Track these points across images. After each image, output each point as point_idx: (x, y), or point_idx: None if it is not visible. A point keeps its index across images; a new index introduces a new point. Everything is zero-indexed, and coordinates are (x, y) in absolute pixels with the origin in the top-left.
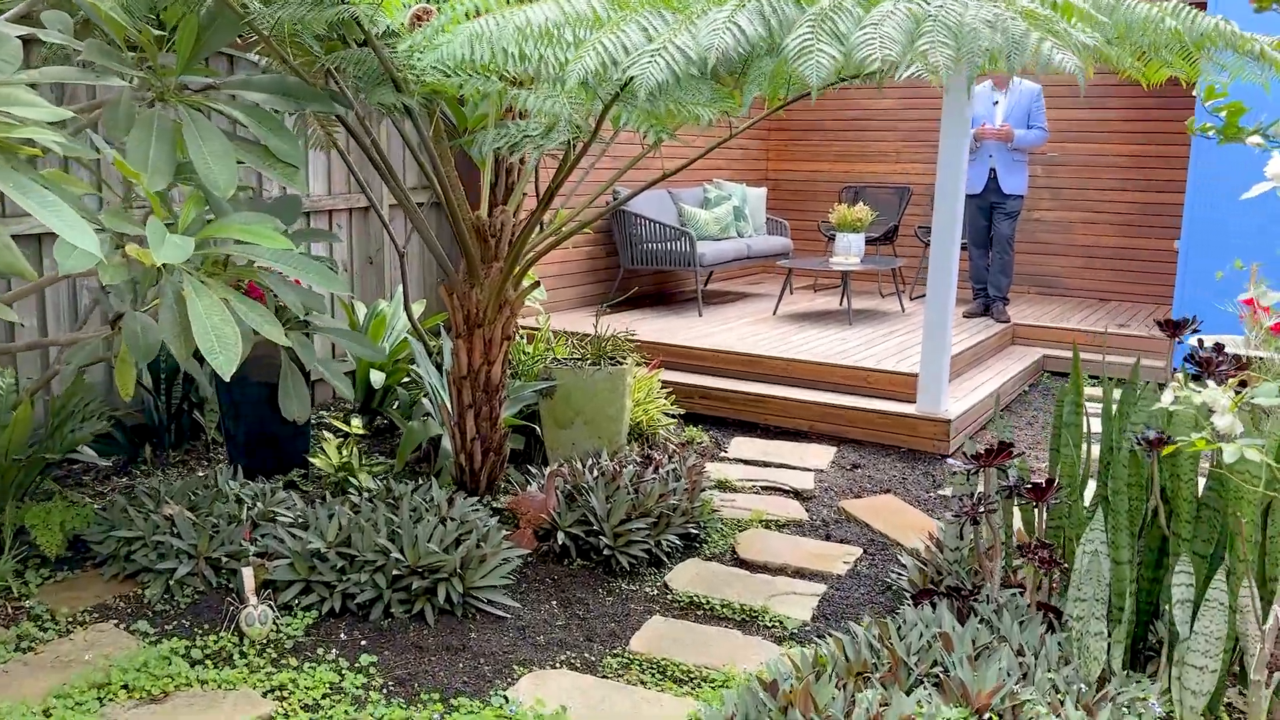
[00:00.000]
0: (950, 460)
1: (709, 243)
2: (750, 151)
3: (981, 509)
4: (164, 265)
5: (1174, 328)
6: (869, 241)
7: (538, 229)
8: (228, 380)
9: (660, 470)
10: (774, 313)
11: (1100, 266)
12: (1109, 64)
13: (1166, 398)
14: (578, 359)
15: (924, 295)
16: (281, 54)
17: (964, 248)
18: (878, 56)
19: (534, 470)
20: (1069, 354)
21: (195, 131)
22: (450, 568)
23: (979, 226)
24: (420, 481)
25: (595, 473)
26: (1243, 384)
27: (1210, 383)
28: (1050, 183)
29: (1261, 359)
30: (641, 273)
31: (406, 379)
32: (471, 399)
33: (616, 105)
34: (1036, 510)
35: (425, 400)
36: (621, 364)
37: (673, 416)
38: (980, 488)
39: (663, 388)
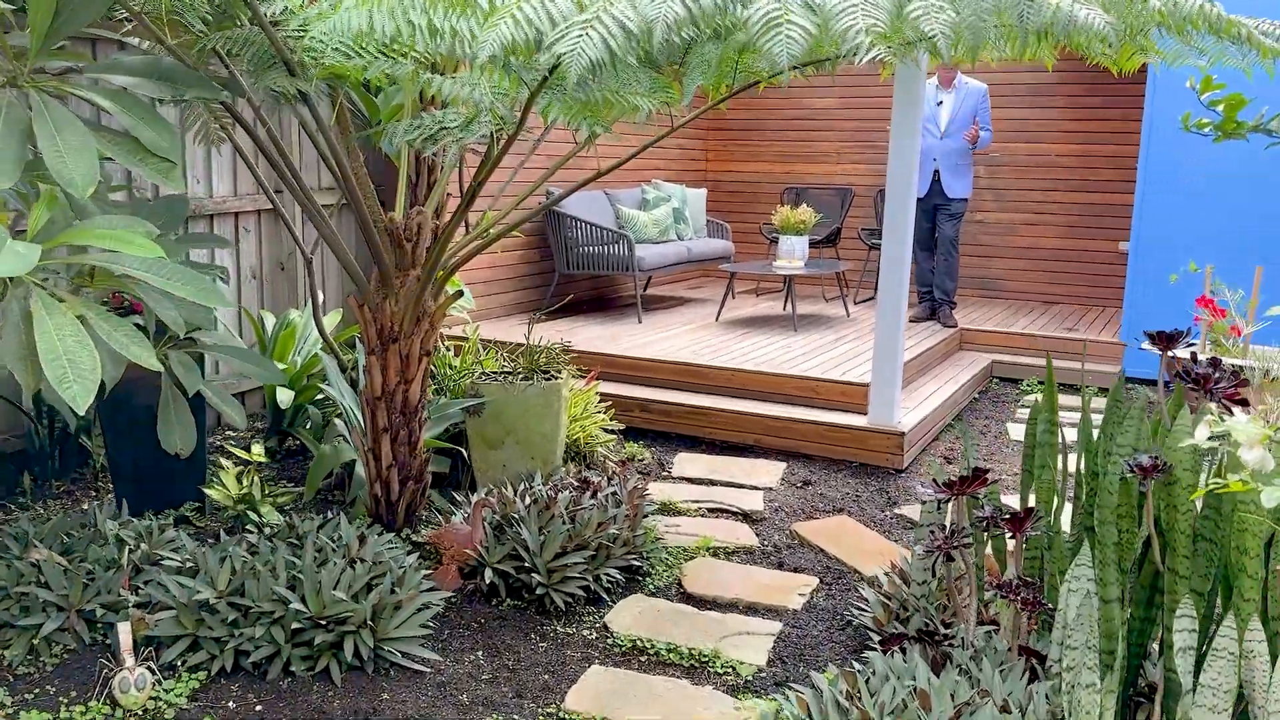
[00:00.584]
0: (920, 488)
1: (648, 246)
2: (689, 151)
3: (955, 544)
4: (10, 279)
5: (1166, 340)
6: (811, 244)
7: (461, 232)
8: (81, 412)
9: (599, 495)
10: (717, 319)
11: (1043, 269)
12: (1079, 50)
13: (1201, 433)
14: (509, 373)
15: (869, 299)
16: (156, 34)
17: None
18: (861, 27)
19: (460, 498)
20: (1018, 359)
21: (48, 120)
22: (360, 618)
23: (923, 229)
24: (330, 515)
25: (527, 500)
26: (1242, 402)
27: (1239, 413)
28: (992, 184)
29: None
30: (578, 278)
31: (321, 396)
32: (387, 422)
33: (544, 94)
34: (1014, 541)
35: (339, 421)
36: (556, 378)
37: (612, 432)
38: (951, 518)
39: (601, 401)
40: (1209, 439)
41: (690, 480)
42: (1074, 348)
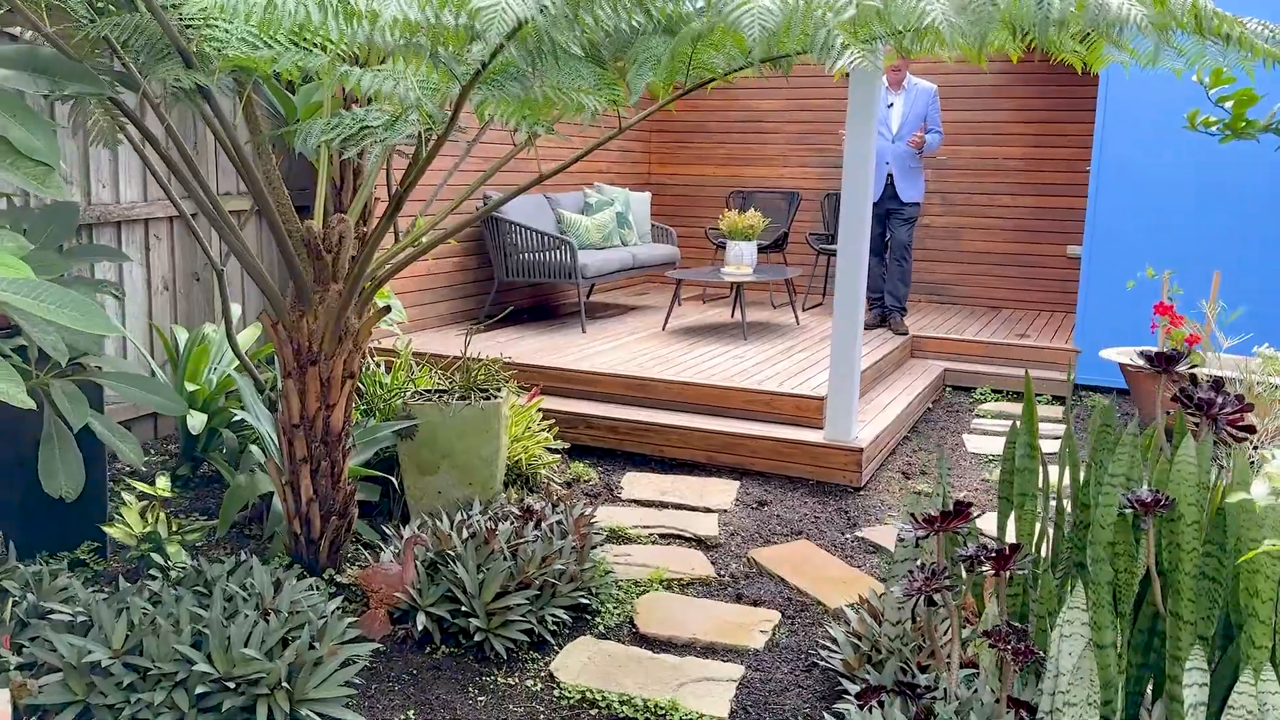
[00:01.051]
0: (901, 527)
1: (592, 252)
2: (631, 154)
3: (937, 585)
4: None
5: (1166, 361)
6: (759, 249)
7: (390, 241)
8: None
9: (543, 525)
10: (664, 327)
11: (991, 273)
12: (1051, 48)
13: (1259, 490)
14: (444, 391)
15: (818, 305)
16: (32, 19)
17: None
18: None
19: (390, 530)
20: (970, 367)
21: None
22: (274, 678)
23: (875, 234)
24: (245, 555)
25: (464, 534)
26: (1248, 428)
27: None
28: (940, 187)
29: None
30: (518, 286)
31: (238, 418)
32: (307, 452)
33: (479, 89)
34: (995, 579)
35: (256, 448)
36: (496, 397)
37: (556, 452)
38: (931, 556)
39: (544, 418)
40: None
41: (640, 503)
42: (1027, 354)
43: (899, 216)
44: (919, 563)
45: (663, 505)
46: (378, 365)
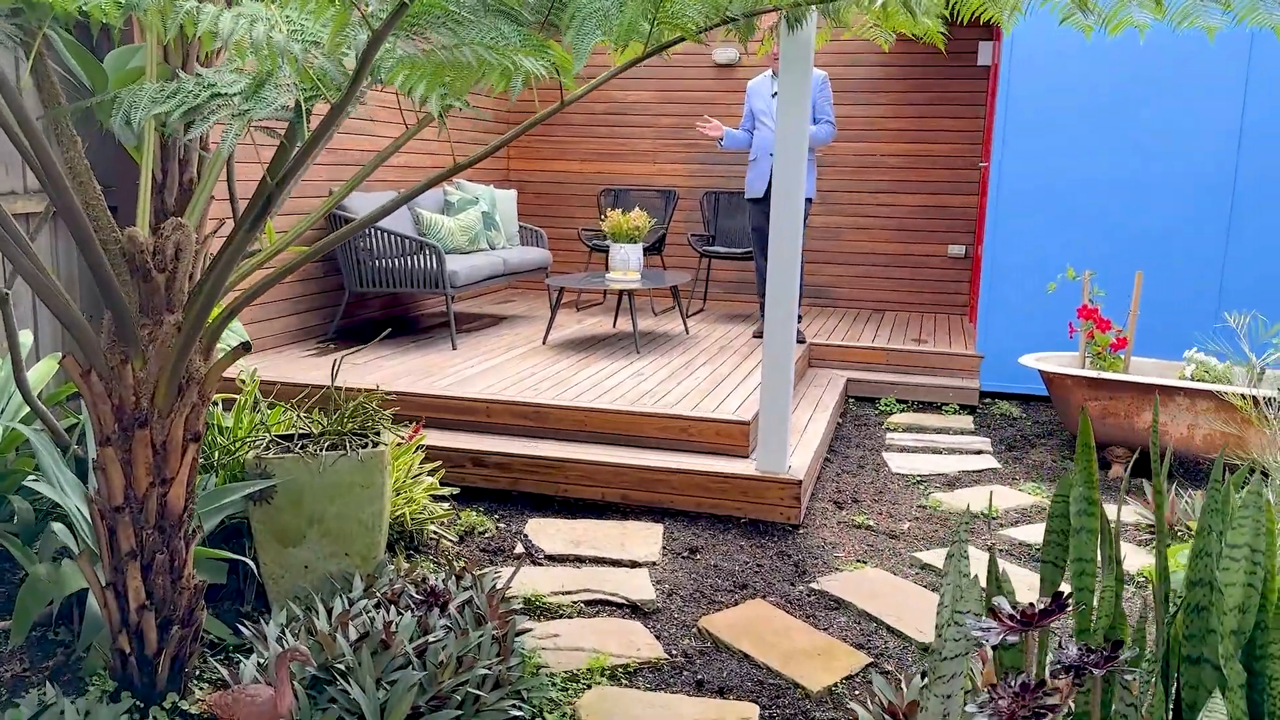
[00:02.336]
0: (980, 623)
1: (459, 257)
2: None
3: (1037, 706)
4: None
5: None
6: None
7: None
8: None
9: (450, 607)
10: (544, 341)
11: (873, 275)
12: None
13: None
14: (309, 438)
15: (700, 311)
16: None
17: (746, 256)
18: None
19: (249, 630)
20: (873, 376)
21: None
22: None
23: (763, 234)
24: (39, 681)
25: (353, 633)
26: None
27: None
28: (819, 186)
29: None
30: (373, 296)
31: (34, 477)
32: (136, 543)
33: (392, 40)
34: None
35: (61, 525)
36: (378, 442)
37: (443, 499)
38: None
39: (424, 458)
40: None
41: (553, 558)
42: (929, 362)
43: None
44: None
45: (580, 561)
46: (214, 404)
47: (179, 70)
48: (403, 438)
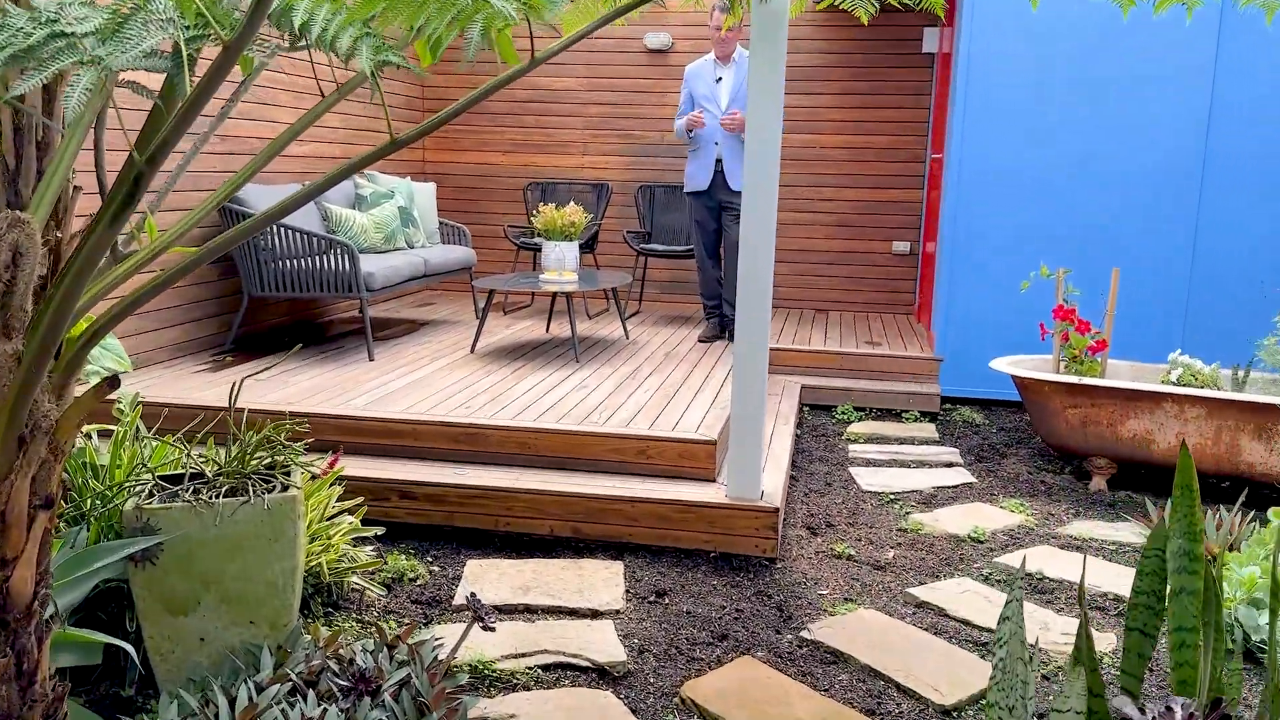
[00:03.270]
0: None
1: (374, 257)
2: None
3: None
4: None
5: None
6: None
7: (108, 256)
8: None
9: (382, 693)
10: (473, 349)
11: (815, 273)
12: None
13: None
14: (202, 480)
15: (636, 313)
16: None
17: (686, 254)
18: None
19: None
20: (827, 382)
21: None
22: None
23: (708, 231)
24: None
25: None
26: None
27: None
28: None
29: None
30: (276, 301)
31: None
32: None
33: None
34: None
35: None
36: (289, 484)
37: (366, 541)
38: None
39: (344, 493)
40: None
41: (500, 609)
42: (884, 366)
43: (732, 211)
44: None
45: (530, 611)
46: (86, 437)
47: (7, 4)
48: (317, 472)
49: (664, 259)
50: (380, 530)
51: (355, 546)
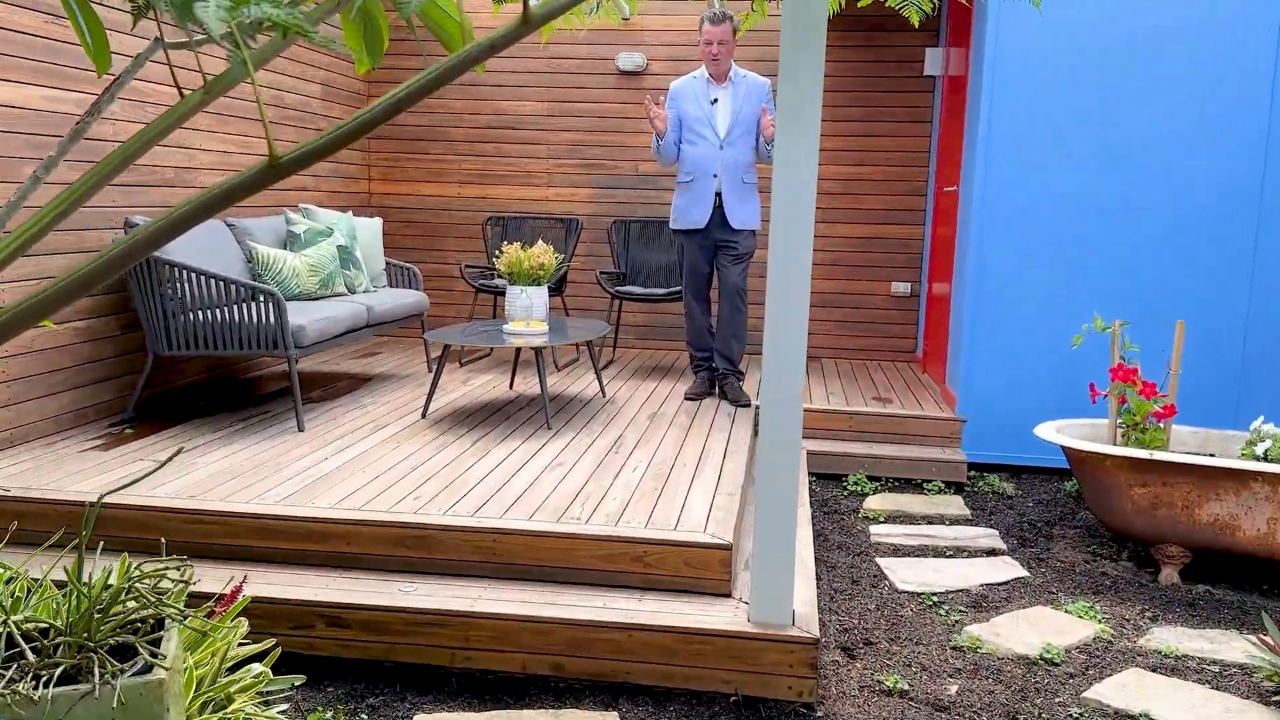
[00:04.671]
0: None
1: (307, 306)
2: (345, 166)
3: None
4: None
5: None
6: None
7: None
8: None
9: None
10: (424, 413)
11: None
12: None
13: None
14: (34, 645)
15: (609, 363)
16: None
17: (669, 298)
18: None
19: None
20: (834, 446)
21: None
22: None
23: (700, 274)
24: None
25: None
26: None
27: None
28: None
29: None
30: (187, 360)
31: None
32: None
33: None
34: None
35: None
36: (154, 660)
37: (279, 695)
38: None
39: (251, 627)
40: None
41: None
42: (900, 428)
43: (730, 251)
44: None
45: None
46: None
47: None
48: (204, 629)
49: (642, 303)
50: (299, 680)
51: (265, 709)
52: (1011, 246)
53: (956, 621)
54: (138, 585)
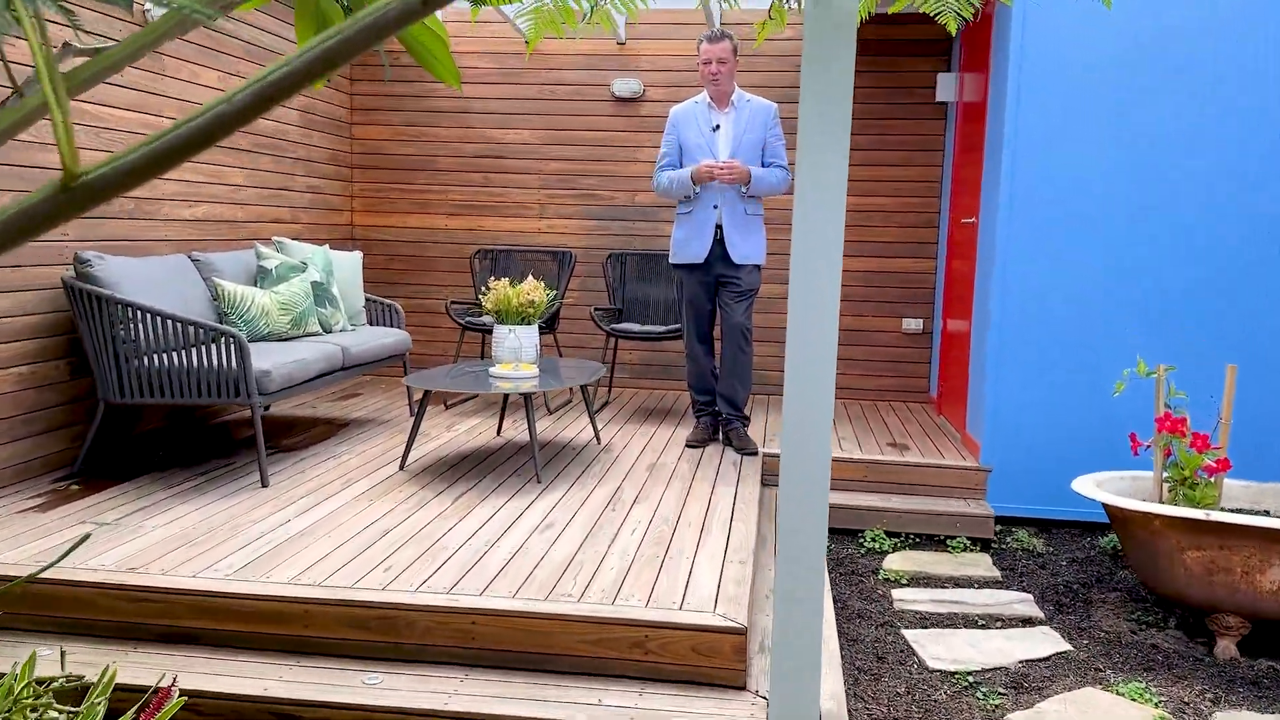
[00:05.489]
0: None
1: (275, 348)
2: (325, 196)
3: None
4: None
5: None
6: None
7: None
8: None
9: None
10: (402, 465)
11: None
12: None
13: None
14: None
15: (604, 405)
16: None
17: (669, 336)
18: None
19: None
20: (849, 499)
21: None
22: None
23: (701, 312)
24: None
25: None
26: None
27: None
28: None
29: None
30: (141, 409)
31: None
32: None
33: None
34: None
35: None
36: None
37: None
38: None
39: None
40: None
41: None
42: (919, 478)
43: (733, 288)
44: None
45: None
46: None
47: None
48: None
49: (639, 341)
50: None
51: None
52: (1038, 284)
53: (997, 707)
54: (37, 707)
